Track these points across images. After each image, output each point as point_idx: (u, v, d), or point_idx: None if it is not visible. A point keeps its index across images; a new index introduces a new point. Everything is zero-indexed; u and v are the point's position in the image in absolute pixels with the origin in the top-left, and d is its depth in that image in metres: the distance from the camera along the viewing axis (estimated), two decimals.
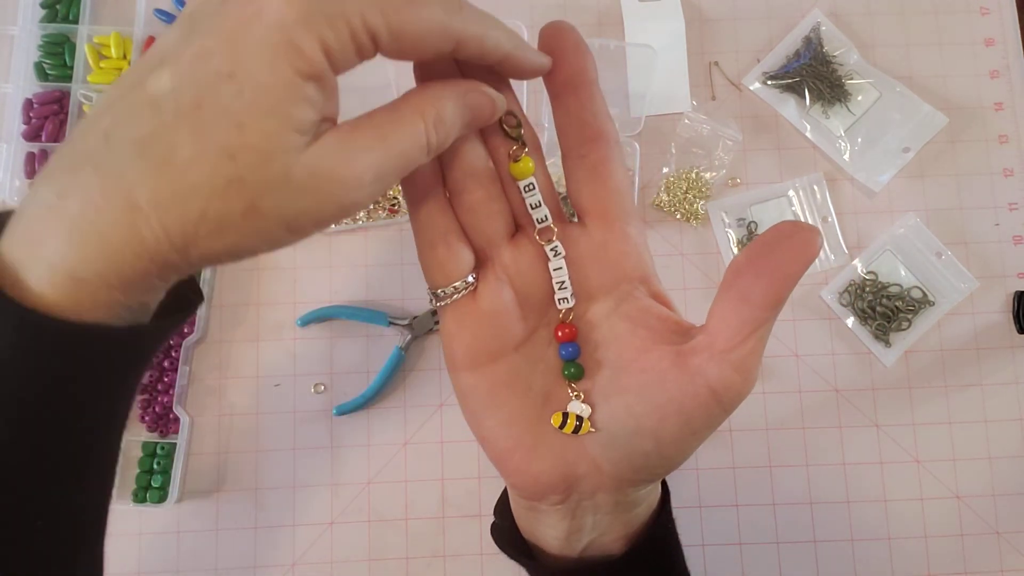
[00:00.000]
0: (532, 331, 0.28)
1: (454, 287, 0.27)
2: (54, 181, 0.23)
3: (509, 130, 0.27)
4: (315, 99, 0.22)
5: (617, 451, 0.26)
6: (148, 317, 0.25)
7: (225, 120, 0.21)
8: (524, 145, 0.27)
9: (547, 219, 0.27)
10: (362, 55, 0.22)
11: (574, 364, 0.27)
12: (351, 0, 0.21)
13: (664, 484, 0.32)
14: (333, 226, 0.62)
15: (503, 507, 0.33)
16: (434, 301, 0.28)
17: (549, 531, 0.29)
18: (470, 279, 0.27)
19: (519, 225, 0.28)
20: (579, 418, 0.27)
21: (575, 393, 0.27)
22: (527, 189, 0.27)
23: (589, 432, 0.27)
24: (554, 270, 0.27)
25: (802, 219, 0.64)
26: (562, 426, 0.27)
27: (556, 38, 0.26)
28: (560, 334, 0.27)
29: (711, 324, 0.25)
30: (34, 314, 0.22)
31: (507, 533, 0.32)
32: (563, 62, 0.26)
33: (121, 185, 0.22)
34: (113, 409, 0.26)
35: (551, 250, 0.27)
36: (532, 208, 0.27)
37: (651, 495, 0.30)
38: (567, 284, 0.27)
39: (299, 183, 0.22)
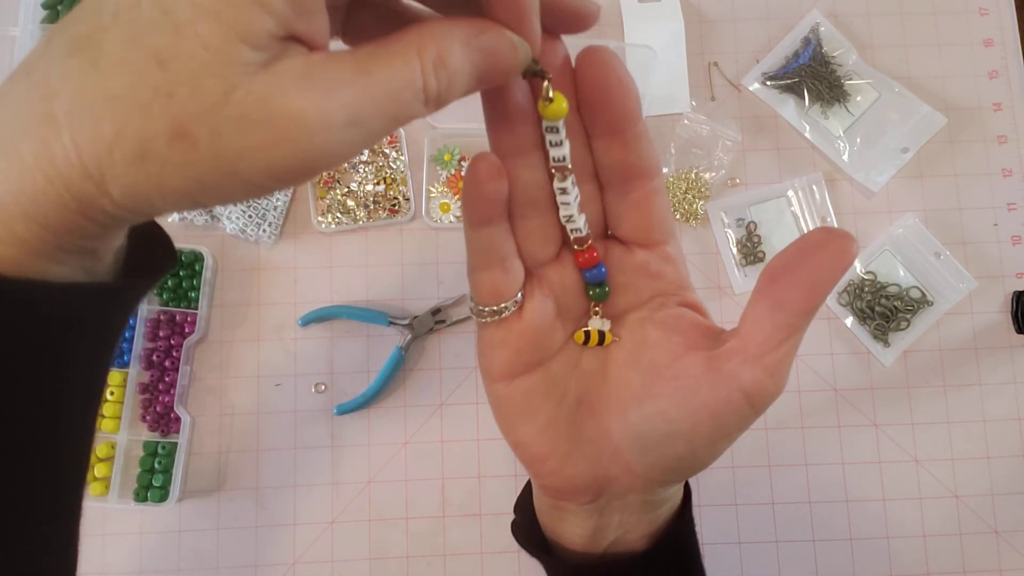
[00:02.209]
0: (568, 337, 0.28)
1: (504, 306, 0.26)
2: None
3: (534, 65, 0.23)
4: (275, 4, 0.18)
5: (650, 454, 0.26)
6: (109, 274, 0.23)
7: (162, 21, 0.18)
8: (550, 81, 0.24)
9: (565, 159, 0.25)
10: None
11: (600, 286, 0.27)
12: None
13: (686, 483, 0.32)
14: (336, 226, 0.63)
15: (524, 504, 0.33)
16: (479, 318, 0.27)
17: (574, 529, 0.29)
18: (518, 297, 0.26)
19: (566, 240, 0.28)
20: (601, 332, 0.27)
21: (595, 310, 0.27)
22: (551, 130, 0.24)
23: (623, 428, 0.27)
24: (562, 204, 0.26)
25: (801, 219, 0.64)
26: (586, 342, 0.27)
27: (597, 70, 0.23)
28: (580, 260, 0.27)
29: (744, 328, 0.25)
30: None
31: (528, 530, 0.32)
32: (607, 102, 0.24)
33: (43, 90, 0.19)
34: (64, 383, 0.22)
35: (560, 188, 0.26)
36: (552, 146, 0.25)
37: (676, 494, 0.31)
38: (575, 218, 0.26)
39: (243, 111, 0.18)
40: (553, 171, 0.25)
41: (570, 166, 0.25)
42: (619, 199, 0.26)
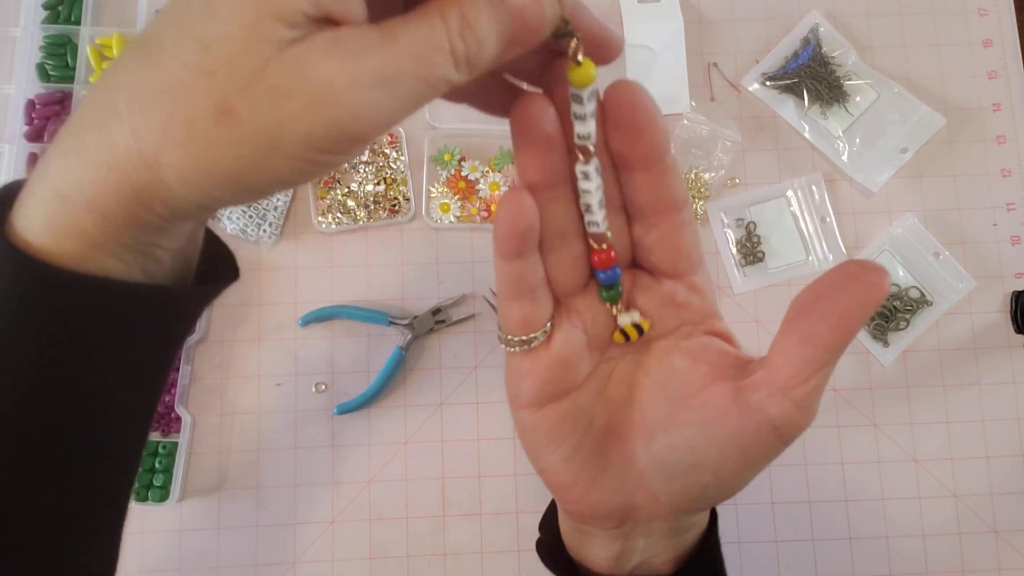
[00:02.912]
0: (596, 365, 0.28)
1: (533, 336, 0.26)
2: None
3: (563, 25, 0.23)
4: None
5: (676, 483, 0.26)
6: (170, 277, 0.24)
7: (207, 10, 0.19)
8: (580, 42, 0.23)
9: (590, 138, 0.24)
10: None
11: (613, 287, 0.26)
12: None
13: (713, 507, 0.32)
14: (337, 226, 0.63)
15: (548, 523, 0.33)
16: (508, 347, 0.26)
17: (599, 552, 0.29)
18: (547, 327, 0.26)
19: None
20: (637, 326, 0.27)
21: (618, 309, 0.27)
22: (576, 99, 0.23)
23: (648, 456, 0.27)
24: (583, 191, 0.25)
25: (800, 219, 0.64)
26: (627, 340, 0.27)
27: (627, 106, 0.24)
28: (597, 260, 0.26)
29: (773, 360, 0.24)
30: (9, 248, 0.21)
31: (553, 549, 0.32)
32: (636, 137, 0.24)
33: (109, 89, 0.20)
34: (127, 371, 0.24)
35: (582, 173, 0.24)
36: (576, 119, 0.23)
37: (702, 519, 0.31)
38: (594, 209, 0.25)
39: (277, 81, 0.19)
40: (577, 152, 0.24)
41: (593, 148, 0.24)
42: (647, 231, 0.26)
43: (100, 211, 0.20)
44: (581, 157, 0.24)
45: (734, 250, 0.63)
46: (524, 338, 0.26)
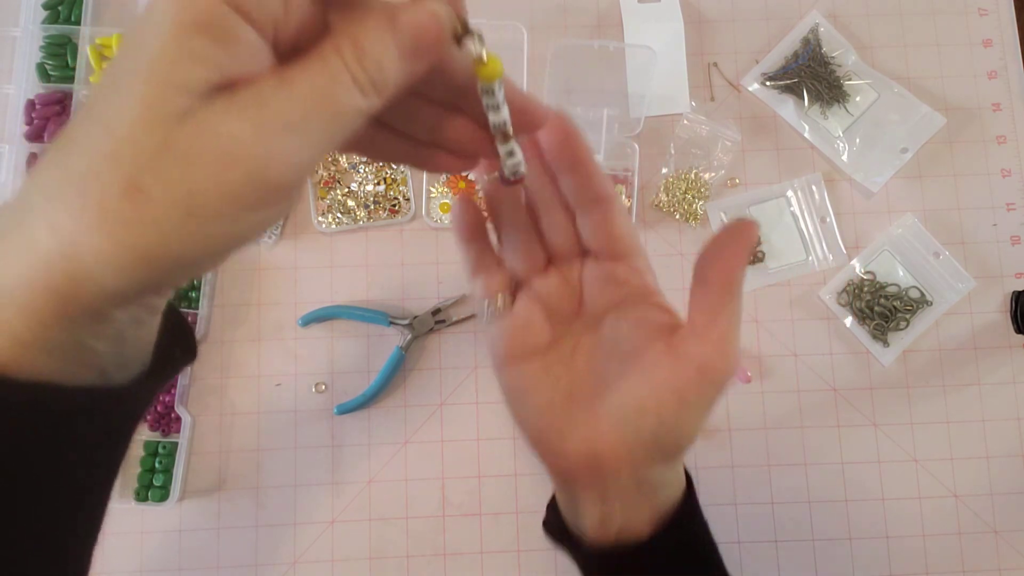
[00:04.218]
0: (559, 339, 0.33)
1: (501, 302, 0.32)
2: None
3: (460, 28, 0.23)
4: (206, 54, 0.19)
5: (628, 429, 0.30)
6: (114, 366, 0.23)
7: (110, 92, 0.20)
8: (482, 39, 0.24)
9: (506, 125, 0.26)
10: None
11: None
12: None
13: (688, 475, 0.36)
14: (337, 226, 0.63)
15: (553, 503, 0.37)
16: (483, 319, 0.33)
17: (586, 520, 0.32)
18: (508, 297, 0.32)
19: (552, 258, 0.33)
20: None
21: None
22: (487, 92, 0.24)
23: (604, 409, 0.30)
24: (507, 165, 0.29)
25: (800, 219, 0.64)
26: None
27: (555, 131, 0.29)
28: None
29: (689, 313, 0.29)
30: None
31: (556, 524, 0.36)
32: (562, 149, 0.30)
33: (29, 185, 0.20)
34: (63, 471, 0.23)
35: (507, 151, 0.27)
36: (490, 110, 0.25)
37: (673, 482, 0.34)
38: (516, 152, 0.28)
39: (183, 149, 0.19)
40: (497, 136, 0.26)
41: (511, 132, 0.27)
42: (585, 220, 0.31)
43: (29, 311, 0.20)
44: (501, 139, 0.27)
45: None
46: (491, 305, 0.32)
